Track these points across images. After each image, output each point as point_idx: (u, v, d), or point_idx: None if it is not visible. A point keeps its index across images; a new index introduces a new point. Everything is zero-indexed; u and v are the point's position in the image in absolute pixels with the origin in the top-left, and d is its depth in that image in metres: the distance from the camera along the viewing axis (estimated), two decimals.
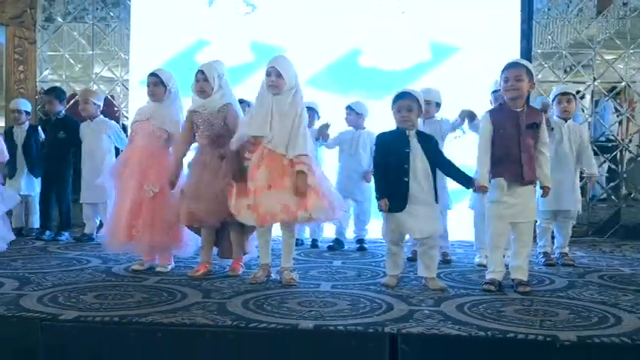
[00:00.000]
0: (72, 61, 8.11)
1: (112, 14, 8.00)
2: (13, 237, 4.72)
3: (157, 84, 4.41)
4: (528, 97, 4.05)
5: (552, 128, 4.79)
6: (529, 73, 3.89)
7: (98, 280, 4.06)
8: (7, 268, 4.39)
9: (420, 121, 4.20)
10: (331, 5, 7.07)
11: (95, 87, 7.80)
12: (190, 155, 4.41)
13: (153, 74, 4.44)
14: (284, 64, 3.98)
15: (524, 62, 4.09)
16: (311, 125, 5.55)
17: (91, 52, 8.06)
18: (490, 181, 3.92)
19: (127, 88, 7.84)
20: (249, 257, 4.47)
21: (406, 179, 3.84)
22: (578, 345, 2.74)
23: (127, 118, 7.54)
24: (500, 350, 2.82)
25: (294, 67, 4.03)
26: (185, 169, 4.36)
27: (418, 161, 3.85)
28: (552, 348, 2.73)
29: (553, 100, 5.15)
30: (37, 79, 8.15)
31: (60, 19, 8.11)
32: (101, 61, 8.06)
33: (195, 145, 4.38)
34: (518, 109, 3.92)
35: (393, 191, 3.86)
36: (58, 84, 7.93)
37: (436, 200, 3.92)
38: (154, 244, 4.28)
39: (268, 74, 3.97)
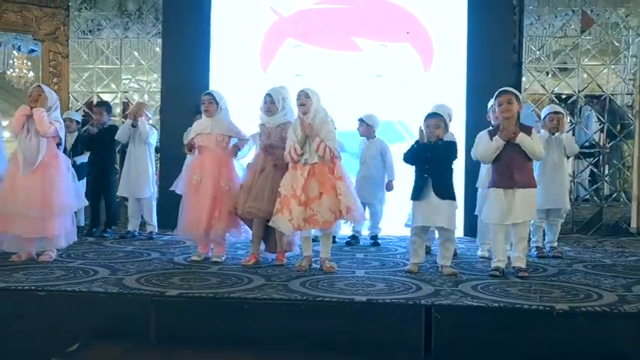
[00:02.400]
0: (101, 74, 8.85)
1: (139, 29, 8.76)
2: (76, 238, 5.39)
3: (211, 102, 5.23)
4: (519, 117, 4.84)
5: None
6: (516, 97, 4.75)
7: (170, 267, 4.86)
8: (87, 259, 5.17)
9: None
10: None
11: (124, 98, 8.65)
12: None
13: (208, 94, 5.29)
14: (310, 90, 4.88)
15: (512, 89, 4.87)
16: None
17: (119, 66, 8.81)
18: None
19: (155, 99, 8.59)
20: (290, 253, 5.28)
21: (425, 175, 4.75)
22: (570, 312, 3.60)
23: (156, 129, 8.26)
24: (511, 317, 3.66)
25: (317, 93, 4.92)
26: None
27: (436, 165, 4.71)
28: (550, 315, 3.59)
29: (545, 117, 5.99)
30: (70, 90, 8.88)
31: (90, 35, 8.86)
32: (129, 74, 8.83)
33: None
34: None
35: (416, 183, 4.79)
36: (88, 95, 8.74)
37: (454, 197, 4.77)
38: (225, 232, 5.15)
39: (298, 97, 4.86)
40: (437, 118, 4.81)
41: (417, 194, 4.77)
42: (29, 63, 12.26)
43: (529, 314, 3.63)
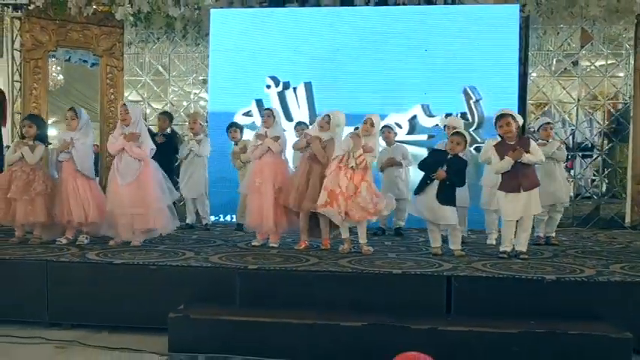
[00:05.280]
0: (152, 85, 10.01)
1: (185, 44, 9.95)
2: (178, 223, 6.68)
3: (269, 115, 6.35)
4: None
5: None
6: (513, 118, 5.76)
7: (238, 250, 6.00)
8: (168, 244, 6.31)
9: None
10: None
11: (171, 106, 9.84)
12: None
13: (268, 109, 6.44)
14: (375, 118, 5.97)
15: (510, 112, 5.88)
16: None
17: (167, 77, 9.98)
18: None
19: (203, 108, 9.77)
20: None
21: (428, 182, 5.79)
22: (557, 281, 4.76)
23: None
24: (512, 284, 4.82)
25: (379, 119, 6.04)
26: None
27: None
28: (542, 283, 4.76)
29: (539, 128, 7.01)
30: (124, 100, 10.01)
31: (142, 50, 10.06)
32: (176, 85, 9.99)
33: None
34: (512, 142, 5.79)
35: (422, 182, 5.85)
36: (140, 103, 9.89)
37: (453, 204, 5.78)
38: (285, 227, 6.30)
39: (365, 122, 5.93)
40: (460, 137, 5.85)
41: (418, 190, 5.85)
42: (59, 68, 13.47)
43: (525, 282, 4.79)
